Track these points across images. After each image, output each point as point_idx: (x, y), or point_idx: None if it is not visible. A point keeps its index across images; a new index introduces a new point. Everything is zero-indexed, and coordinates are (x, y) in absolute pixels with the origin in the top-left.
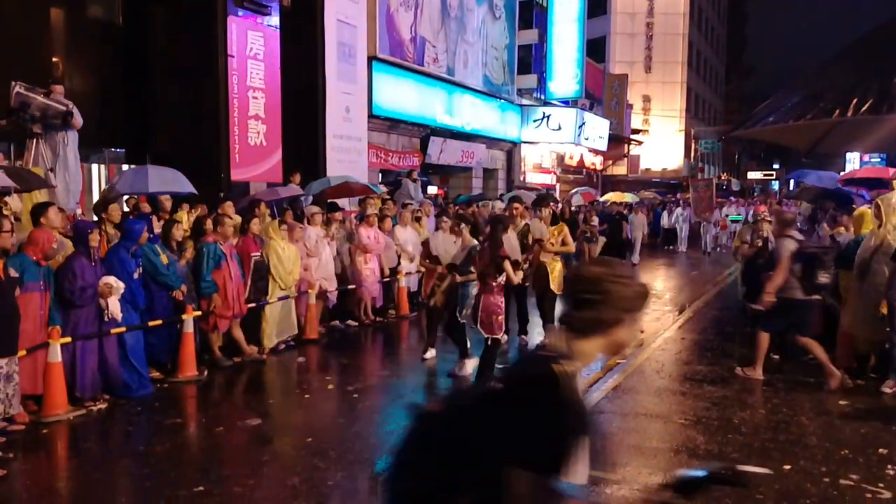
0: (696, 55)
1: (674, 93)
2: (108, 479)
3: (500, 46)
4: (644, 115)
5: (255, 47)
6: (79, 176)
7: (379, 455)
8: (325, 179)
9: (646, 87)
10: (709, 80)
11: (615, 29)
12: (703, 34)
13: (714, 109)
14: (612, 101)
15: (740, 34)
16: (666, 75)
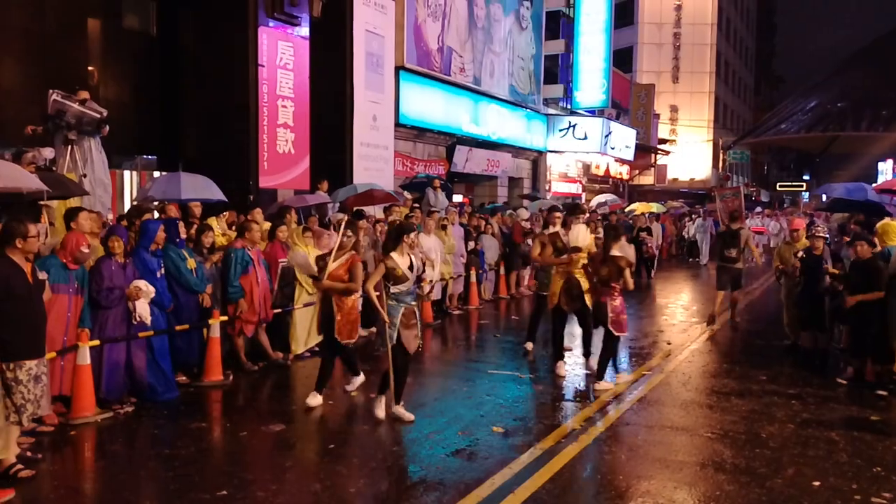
0: (725, 65)
1: (701, 103)
2: (134, 481)
3: (526, 56)
4: (671, 125)
5: (285, 57)
6: (107, 182)
7: (401, 463)
8: (351, 187)
9: (673, 97)
10: (737, 90)
11: (642, 39)
12: (731, 44)
13: (742, 119)
14: (639, 110)
15: (769, 44)
16: (693, 85)
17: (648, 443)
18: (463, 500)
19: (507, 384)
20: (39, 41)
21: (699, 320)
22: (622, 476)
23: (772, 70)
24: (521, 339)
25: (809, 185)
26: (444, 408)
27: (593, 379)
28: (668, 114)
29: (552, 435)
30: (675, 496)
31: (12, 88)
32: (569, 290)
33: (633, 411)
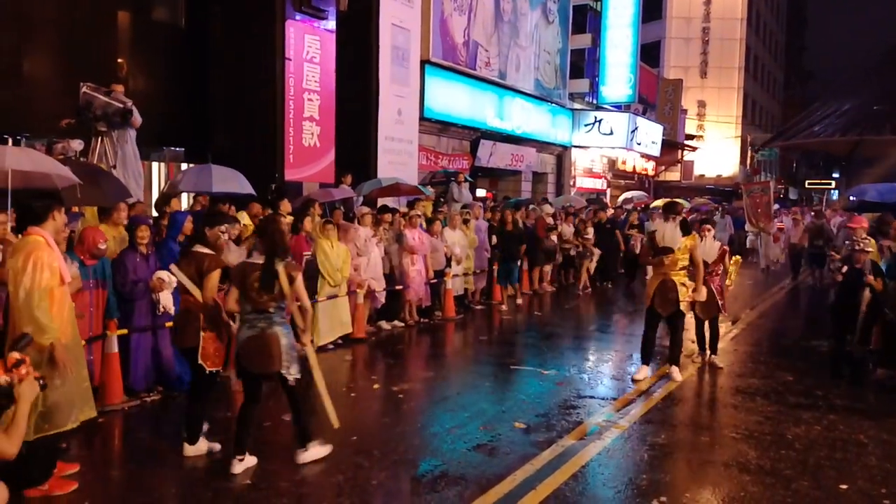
0: (754, 60)
1: (730, 98)
2: (160, 469)
3: (552, 50)
4: (699, 121)
5: (312, 51)
6: (139, 172)
7: (422, 457)
8: (376, 180)
9: (701, 93)
10: (766, 85)
11: (670, 33)
12: (760, 38)
13: (771, 115)
14: (666, 106)
15: (800, 38)
16: (722, 80)
17: (672, 442)
18: (484, 495)
19: (529, 380)
20: (70, 34)
21: (724, 319)
22: (645, 475)
23: (802, 64)
24: (544, 334)
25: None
26: (466, 402)
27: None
28: (696, 109)
29: (575, 432)
30: (698, 496)
31: (45, 81)
32: (663, 293)
33: (657, 410)
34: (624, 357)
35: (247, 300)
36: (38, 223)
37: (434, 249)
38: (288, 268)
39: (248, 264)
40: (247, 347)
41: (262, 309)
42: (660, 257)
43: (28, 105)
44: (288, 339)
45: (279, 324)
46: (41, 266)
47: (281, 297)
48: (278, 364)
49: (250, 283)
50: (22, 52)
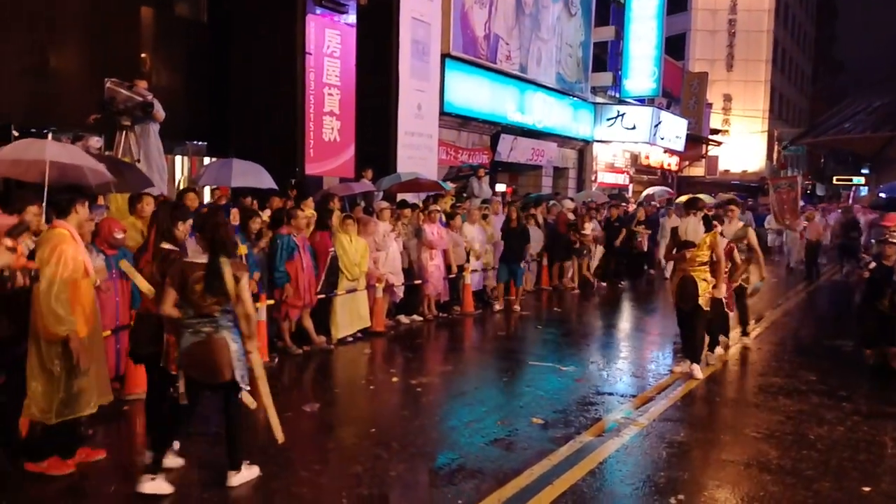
0: (782, 53)
1: (756, 92)
2: (185, 457)
3: (574, 43)
4: (724, 115)
5: (332, 45)
6: (163, 166)
7: (440, 450)
8: (395, 175)
9: (727, 86)
10: (794, 78)
11: (695, 26)
12: (788, 30)
13: (799, 109)
14: (691, 99)
15: (830, 29)
16: (748, 74)
17: (691, 440)
18: (501, 489)
19: (547, 376)
20: (95, 29)
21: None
22: (663, 472)
23: (832, 56)
24: (563, 330)
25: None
26: (484, 397)
27: None
28: (721, 103)
29: (593, 428)
30: (716, 494)
31: (71, 76)
32: (682, 289)
33: (676, 408)
34: (644, 354)
35: (188, 304)
36: (63, 216)
37: (454, 244)
38: (234, 267)
39: (189, 264)
40: (191, 355)
41: (206, 313)
42: (681, 252)
43: (55, 100)
44: (238, 344)
45: (227, 328)
46: (64, 258)
47: (227, 300)
48: (228, 372)
49: (191, 284)
50: (49, 48)
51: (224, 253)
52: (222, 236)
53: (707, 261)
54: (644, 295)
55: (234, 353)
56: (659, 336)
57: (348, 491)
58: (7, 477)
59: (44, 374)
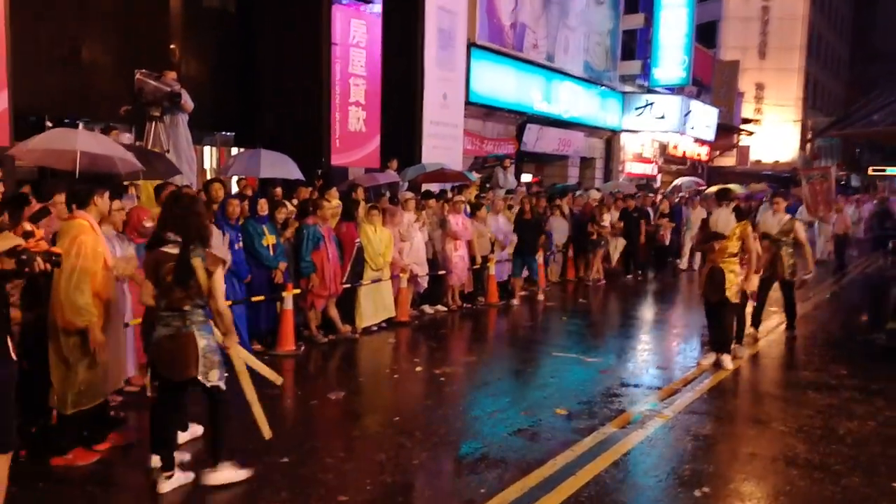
0: (817, 39)
1: (790, 80)
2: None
3: (603, 31)
4: (756, 104)
5: (358, 35)
6: (192, 157)
7: (463, 439)
8: (420, 166)
9: (759, 75)
10: (831, 66)
11: (727, 13)
12: (825, 15)
13: (835, 97)
14: (722, 88)
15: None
16: (782, 62)
17: (717, 433)
18: (524, 479)
19: (571, 367)
20: (124, 20)
21: (777, 310)
22: (688, 465)
23: (870, 42)
24: (588, 321)
25: None
26: (507, 387)
27: None
28: (754, 92)
29: (617, 420)
30: (742, 488)
31: (101, 68)
32: (710, 281)
33: (702, 401)
34: (670, 346)
35: (162, 295)
36: (82, 207)
37: (478, 235)
38: (207, 260)
39: (162, 254)
40: (159, 348)
41: (177, 306)
42: (710, 244)
43: (87, 91)
44: (208, 340)
45: (198, 323)
46: (84, 249)
47: (198, 294)
48: (194, 369)
49: (163, 276)
50: (81, 39)
51: (195, 244)
52: (194, 226)
53: (737, 252)
54: (669, 287)
55: (202, 350)
56: (685, 328)
57: (372, 478)
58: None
59: (61, 365)
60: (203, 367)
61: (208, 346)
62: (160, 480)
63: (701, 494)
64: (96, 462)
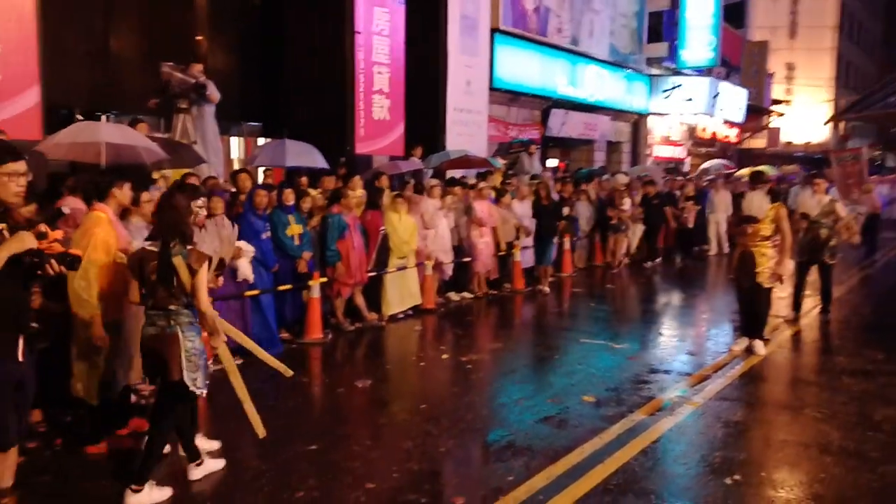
0: (850, 17)
1: (822, 60)
2: (240, 431)
3: (628, 14)
4: (787, 85)
5: (381, 23)
6: (218, 148)
7: (490, 426)
8: (444, 153)
9: (789, 55)
10: (864, 44)
11: None
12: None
13: (868, 77)
14: (751, 69)
15: None
16: (813, 41)
17: (748, 420)
18: (551, 466)
19: (599, 353)
20: (151, 12)
21: (812, 293)
22: (718, 452)
23: None
24: (615, 307)
25: None
26: (534, 374)
27: None
28: (784, 72)
29: (646, 407)
30: (774, 475)
31: (129, 61)
32: (742, 265)
33: (733, 387)
34: (699, 332)
35: (147, 294)
36: (101, 199)
37: (503, 221)
38: (190, 258)
39: (146, 251)
40: (145, 348)
41: (161, 305)
42: (742, 227)
43: (115, 84)
44: (193, 342)
45: (184, 324)
46: (94, 241)
47: (183, 293)
48: (178, 371)
49: (147, 273)
50: (109, 32)
51: (178, 242)
52: (174, 223)
53: (769, 235)
54: (698, 271)
55: (187, 352)
56: (716, 313)
57: (399, 466)
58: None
59: (85, 357)
60: (188, 370)
61: (193, 347)
62: (189, 469)
63: (732, 482)
64: (127, 450)
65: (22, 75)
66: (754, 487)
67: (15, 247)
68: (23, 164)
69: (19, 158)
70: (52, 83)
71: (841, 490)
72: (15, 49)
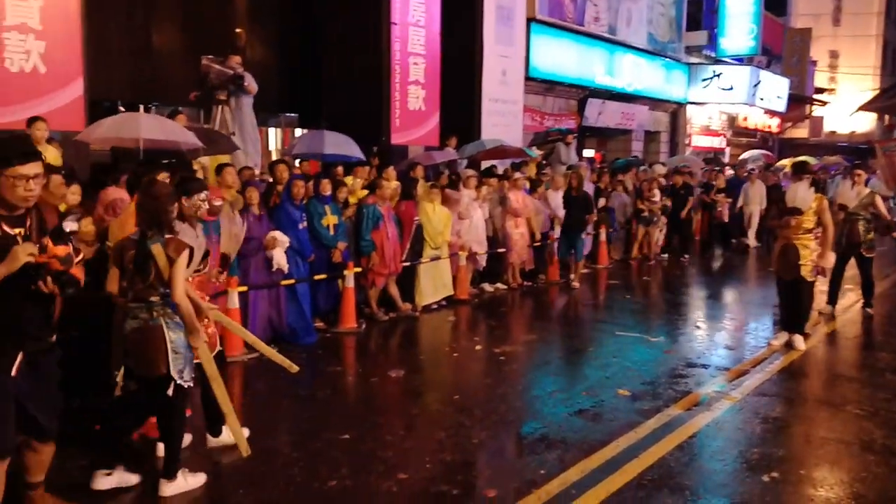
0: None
1: (867, 47)
2: (275, 418)
3: (667, 2)
4: (830, 73)
5: (417, 14)
6: (256, 138)
7: (523, 418)
8: (479, 142)
9: (833, 42)
10: None
11: None
12: None
13: None
14: (793, 57)
15: None
16: (857, 28)
17: (787, 416)
18: (585, 460)
19: (635, 346)
20: (191, 6)
21: (853, 287)
22: (756, 448)
23: None
24: (651, 300)
25: None
26: (569, 367)
27: None
28: (827, 60)
29: (682, 401)
30: (813, 473)
31: (169, 54)
32: (784, 258)
33: (772, 382)
34: (738, 326)
35: (127, 285)
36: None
37: (538, 212)
38: (168, 247)
39: (127, 240)
40: (128, 342)
41: (142, 297)
42: (786, 219)
43: (156, 76)
44: (178, 335)
45: (167, 315)
46: (113, 231)
47: (161, 283)
48: (164, 365)
49: (126, 264)
50: (150, 26)
51: (156, 230)
52: (153, 211)
53: (812, 228)
54: (736, 265)
55: (172, 345)
56: (754, 307)
57: (432, 456)
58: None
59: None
60: (174, 364)
61: (179, 340)
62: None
63: (770, 479)
64: None
65: (66, 68)
66: (793, 485)
67: (9, 266)
68: (35, 167)
69: (31, 160)
70: (95, 76)
71: (884, 489)
72: (60, 43)
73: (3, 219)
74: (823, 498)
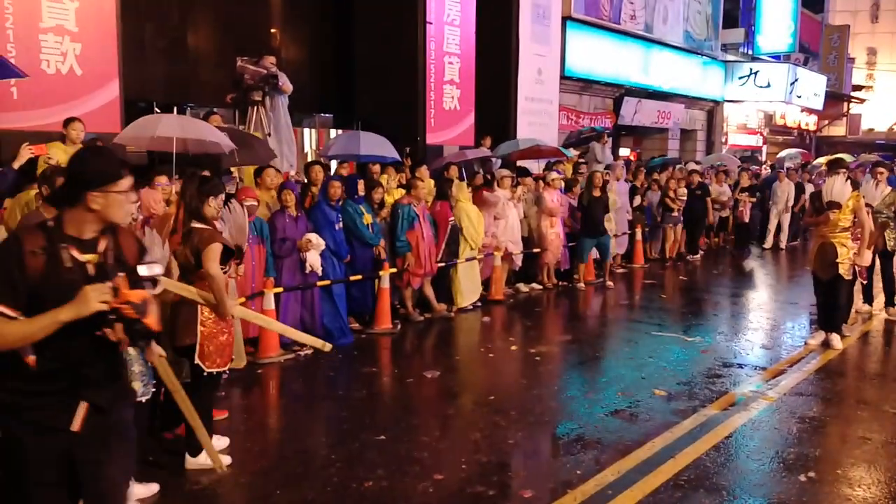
0: None
1: None
2: (312, 419)
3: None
4: (868, 70)
5: (452, 13)
6: (291, 139)
7: (559, 419)
8: (513, 142)
9: (871, 39)
10: None
11: None
12: None
13: None
14: (831, 54)
15: None
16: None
17: (824, 415)
18: (621, 461)
19: (671, 346)
20: (226, 7)
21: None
22: (793, 448)
23: None
24: (687, 299)
25: None
26: (604, 367)
27: None
28: (865, 57)
29: (719, 401)
30: (850, 473)
31: (204, 54)
32: (821, 257)
33: (809, 382)
34: (774, 325)
35: None
36: None
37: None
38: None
39: None
40: None
41: None
42: (825, 214)
43: (192, 77)
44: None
45: None
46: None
47: None
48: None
49: None
50: (185, 27)
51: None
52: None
53: (849, 226)
54: (770, 265)
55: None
56: (790, 306)
57: (467, 457)
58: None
59: None
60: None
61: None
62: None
63: (807, 479)
64: None
65: (102, 70)
66: (830, 485)
67: (77, 311)
68: (131, 178)
69: (127, 171)
70: (130, 77)
71: None
72: (96, 45)
73: (73, 242)
74: (861, 497)
